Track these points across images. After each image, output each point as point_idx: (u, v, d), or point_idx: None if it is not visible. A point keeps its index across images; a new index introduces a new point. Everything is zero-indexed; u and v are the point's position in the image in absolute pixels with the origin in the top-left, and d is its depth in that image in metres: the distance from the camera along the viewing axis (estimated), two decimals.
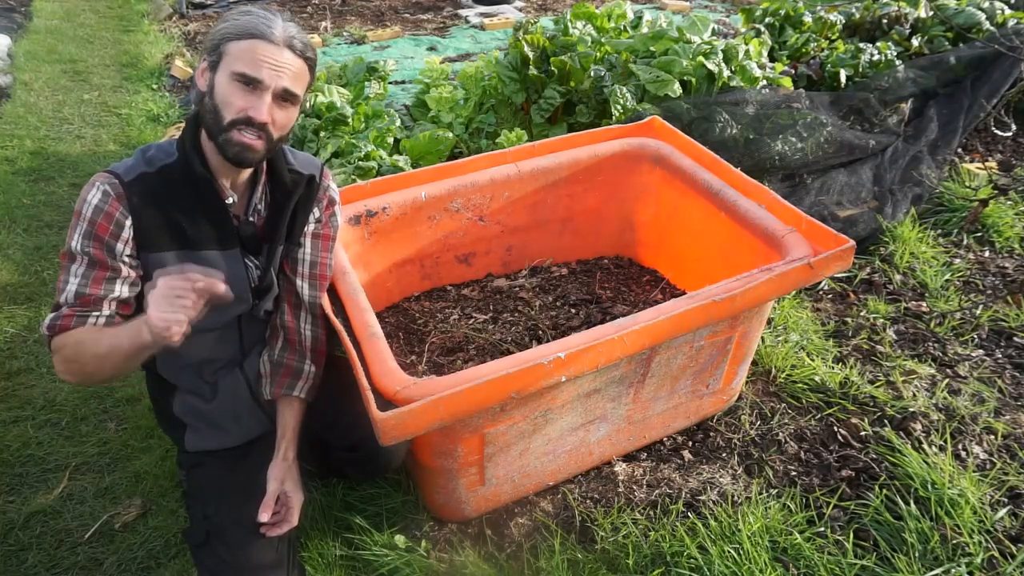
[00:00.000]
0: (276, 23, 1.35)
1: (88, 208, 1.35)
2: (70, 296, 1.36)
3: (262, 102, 1.34)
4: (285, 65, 1.34)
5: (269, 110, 1.35)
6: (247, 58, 1.32)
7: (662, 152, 2.29)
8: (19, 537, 1.81)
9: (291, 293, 1.62)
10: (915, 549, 1.66)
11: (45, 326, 1.37)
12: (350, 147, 3.00)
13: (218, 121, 1.35)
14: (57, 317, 1.36)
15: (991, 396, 2.13)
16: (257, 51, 1.32)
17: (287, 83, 1.36)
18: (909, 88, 3.45)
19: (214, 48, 1.35)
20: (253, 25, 1.33)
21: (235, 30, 1.33)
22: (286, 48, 1.35)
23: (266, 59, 1.32)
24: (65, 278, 1.38)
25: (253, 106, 1.33)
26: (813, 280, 1.76)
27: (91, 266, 1.37)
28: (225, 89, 1.33)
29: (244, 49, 1.32)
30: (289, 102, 1.39)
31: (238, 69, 1.32)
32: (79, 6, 6.66)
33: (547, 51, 3.31)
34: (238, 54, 1.32)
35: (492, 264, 2.39)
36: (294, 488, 1.53)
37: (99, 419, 2.18)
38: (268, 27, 1.33)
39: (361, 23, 6.05)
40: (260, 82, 1.33)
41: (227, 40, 1.33)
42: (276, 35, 1.33)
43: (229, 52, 1.33)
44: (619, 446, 1.92)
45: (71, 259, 1.38)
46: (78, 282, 1.36)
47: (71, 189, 3.50)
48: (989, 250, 2.86)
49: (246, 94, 1.33)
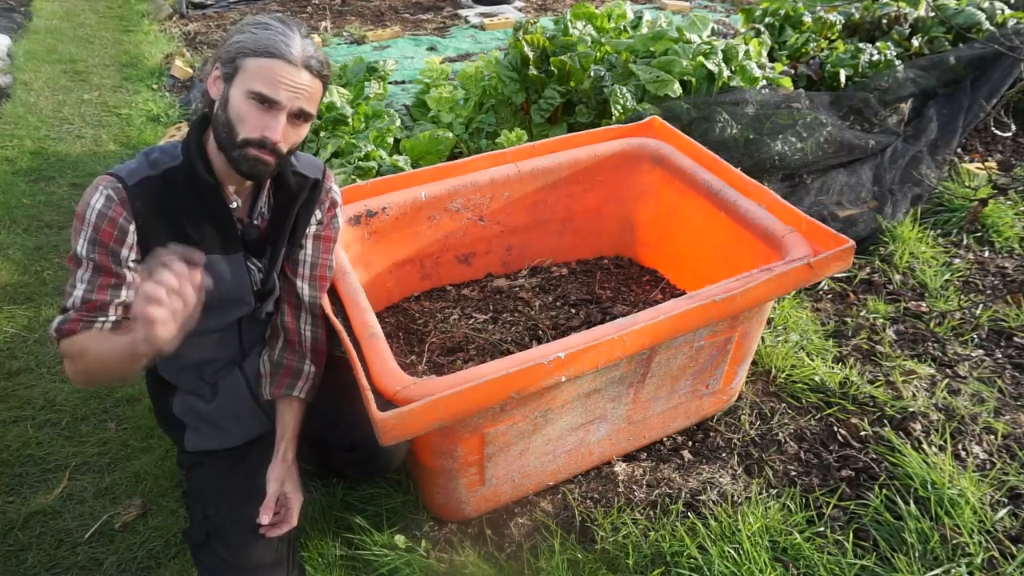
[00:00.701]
0: (295, 42, 1.32)
1: (92, 213, 1.35)
2: (77, 301, 1.36)
3: (277, 123, 1.32)
4: (303, 86, 1.33)
5: (284, 130, 1.34)
6: (265, 77, 1.30)
7: (662, 152, 2.29)
8: (19, 537, 1.81)
9: (291, 294, 1.62)
10: (915, 549, 1.66)
11: (53, 328, 1.37)
12: (350, 147, 3.00)
13: (231, 137, 1.34)
14: (64, 321, 1.36)
15: (991, 396, 2.13)
16: (275, 71, 1.30)
17: (303, 104, 1.35)
18: (909, 88, 3.45)
19: (230, 60, 1.33)
20: (272, 43, 1.31)
21: (253, 45, 1.31)
22: (304, 69, 1.33)
23: (284, 80, 1.31)
24: (72, 282, 1.38)
25: (268, 127, 1.32)
26: (813, 280, 1.76)
27: (96, 272, 1.37)
28: (240, 105, 1.32)
29: (262, 67, 1.30)
30: (302, 120, 1.38)
31: (256, 88, 1.30)
32: (79, 6, 6.66)
33: (547, 51, 3.31)
34: (255, 71, 1.30)
35: (492, 264, 2.39)
36: (294, 489, 1.53)
37: (99, 419, 2.18)
38: (287, 46, 1.31)
39: (361, 23, 6.05)
40: (277, 103, 1.31)
41: (244, 55, 1.31)
42: (295, 55, 1.31)
43: (246, 68, 1.31)
44: (619, 446, 1.92)
45: (77, 264, 1.38)
46: (84, 287, 1.36)
47: (71, 189, 3.50)
48: (989, 250, 2.86)
49: (262, 113, 1.32)
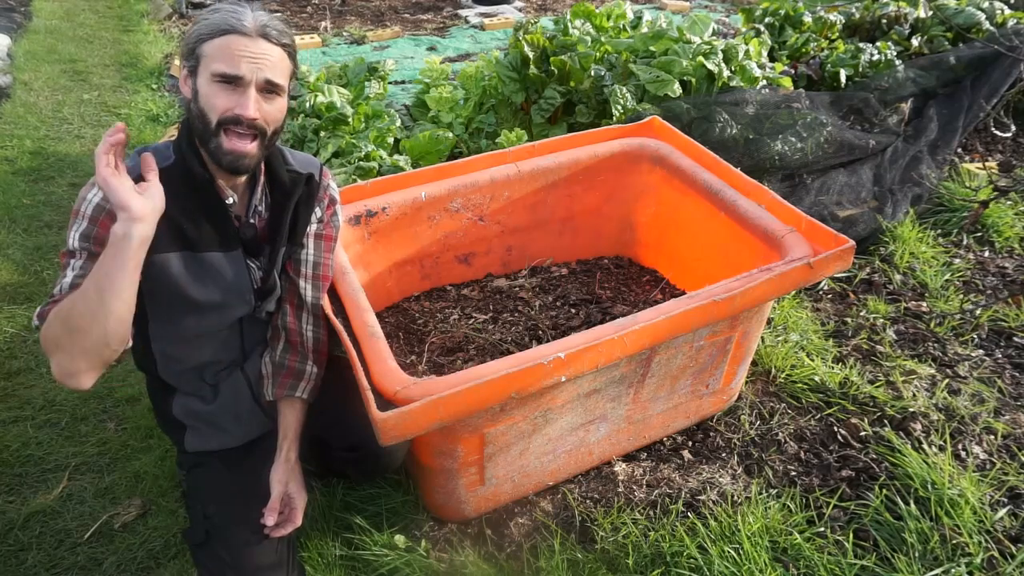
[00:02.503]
0: (246, 14, 1.32)
1: (88, 207, 1.32)
2: (65, 286, 1.29)
3: (247, 98, 1.31)
4: (263, 55, 1.32)
5: (256, 105, 1.32)
6: (223, 55, 1.30)
7: (662, 152, 2.29)
8: (19, 537, 1.81)
9: (293, 294, 1.61)
10: (915, 549, 1.66)
11: (36, 315, 1.31)
12: (350, 147, 3.00)
13: (206, 125, 1.33)
14: (46, 304, 1.30)
15: (991, 396, 2.13)
16: (231, 46, 1.30)
17: (268, 74, 1.33)
18: (909, 88, 3.45)
19: (190, 53, 1.33)
20: (223, 20, 1.30)
21: (207, 29, 1.31)
22: (260, 38, 1.32)
23: (242, 53, 1.30)
24: (63, 274, 1.33)
25: (238, 104, 1.31)
26: (813, 280, 1.76)
27: (90, 259, 1.31)
28: (207, 91, 1.31)
29: (218, 47, 1.30)
30: (275, 93, 1.36)
31: (217, 69, 1.30)
32: (79, 6, 6.65)
33: (547, 51, 3.31)
34: (213, 53, 1.30)
35: (492, 264, 2.39)
36: (298, 489, 1.53)
37: (99, 419, 2.18)
38: (238, 19, 1.31)
39: (361, 23, 6.04)
40: (241, 78, 1.30)
41: (201, 41, 1.31)
42: (247, 26, 1.31)
43: (205, 53, 1.31)
44: (619, 446, 1.92)
45: (70, 255, 1.33)
46: (75, 274, 1.31)
47: (71, 189, 3.49)
48: (989, 250, 2.86)
49: (229, 93, 1.31)
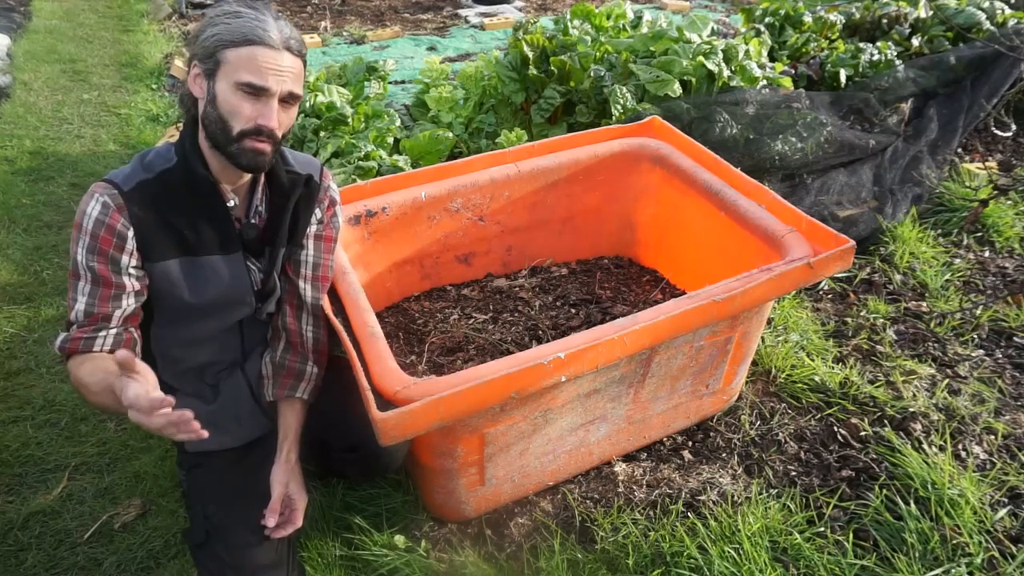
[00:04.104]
0: (270, 24, 1.32)
1: (89, 221, 1.35)
2: (79, 315, 1.37)
3: (270, 109, 1.33)
4: (287, 68, 1.34)
5: (276, 115, 1.35)
6: (250, 67, 1.30)
7: (662, 152, 2.29)
8: (18, 537, 1.81)
9: (293, 295, 1.61)
10: (915, 549, 1.66)
11: (57, 346, 1.39)
12: (350, 147, 2.99)
13: (226, 132, 1.34)
14: (67, 340, 1.37)
15: (991, 396, 2.13)
16: (258, 58, 1.30)
17: (291, 86, 1.35)
18: (909, 88, 3.45)
19: (209, 55, 1.32)
20: (250, 30, 1.30)
21: (231, 36, 1.30)
22: (285, 51, 1.33)
23: (269, 66, 1.31)
24: (73, 295, 1.38)
25: (262, 114, 1.33)
26: (813, 280, 1.76)
27: (96, 284, 1.37)
28: (230, 99, 1.32)
29: (245, 57, 1.30)
30: (292, 103, 1.39)
31: (243, 79, 1.30)
32: (79, 6, 6.65)
33: (547, 51, 3.31)
34: (239, 63, 1.30)
35: (492, 264, 2.39)
36: (298, 490, 1.53)
37: (99, 419, 2.18)
38: (265, 31, 1.31)
39: (361, 23, 6.04)
40: (267, 90, 1.32)
41: (223, 47, 1.31)
42: (274, 38, 1.32)
43: (228, 60, 1.31)
44: (619, 446, 1.92)
45: (77, 276, 1.38)
46: (86, 301, 1.37)
47: (71, 189, 3.49)
48: (989, 250, 2.86)
49: (253, 103, 1.32)
